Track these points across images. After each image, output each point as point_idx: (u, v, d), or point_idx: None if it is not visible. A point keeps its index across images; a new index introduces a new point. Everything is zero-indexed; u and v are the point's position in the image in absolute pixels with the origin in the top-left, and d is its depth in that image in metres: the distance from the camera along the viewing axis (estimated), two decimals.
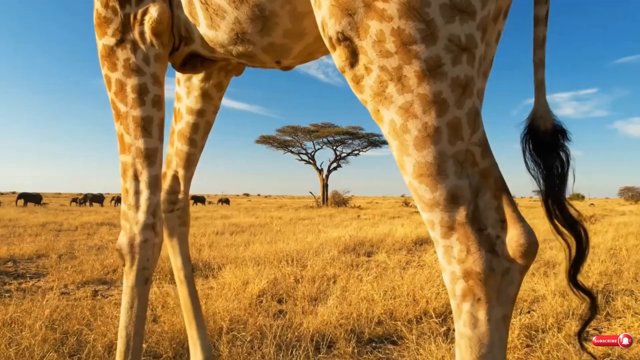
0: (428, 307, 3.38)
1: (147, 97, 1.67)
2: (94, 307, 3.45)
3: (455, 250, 1.01)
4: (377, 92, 1.04)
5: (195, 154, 2.20)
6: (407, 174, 1.05)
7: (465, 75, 1.01)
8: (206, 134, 2.21)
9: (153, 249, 1.69)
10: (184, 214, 2.25)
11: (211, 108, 2.13)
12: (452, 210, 1.01)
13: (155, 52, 1.66)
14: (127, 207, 1.69)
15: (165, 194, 2.19)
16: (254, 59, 1.59)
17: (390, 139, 1.07)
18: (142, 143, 1.67)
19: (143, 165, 1.68)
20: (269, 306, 3.51)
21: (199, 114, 2.12)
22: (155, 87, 1.68)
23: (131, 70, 1.65)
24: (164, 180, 2.21)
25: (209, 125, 2.19)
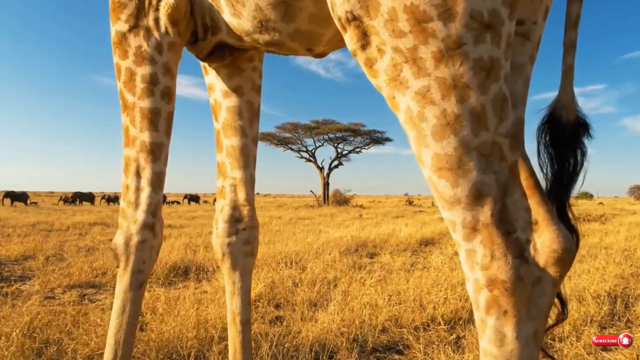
0: (436, 313, 3.25)
1: (157, 87, 1.60)
2: (79, 312, 3.32)
3: (479, 254, 0.90)
4: (391, 77, 0.96)
5: (249, 145, 1.92)
6: (426, 167, 0.94)
7: (489, 56, 0.91)
8: (254, 119, 1.94)
9: (151, 251, 1.63)
10: (251, 237, 1.93)
11: (248, 84, 1.90)
12: (476, 209, 0.89)
13: (169, 41, 1.60)
14: (126, 204, 1.63)
15: (224, 213, 1.91)
16: (283, 47, 1.51)
17: (407, 128, 0.97)
18: (147, 136, 1.60)
19: (147, 161, 1.61)
20: (266, 312, 3.39)
21: (236, 92, 1.89)
22: (166, 78, 1.61)
23: (142, 59, 1.58)
24: (221, 195, 1.94)
25: (253, 108, 1.93)
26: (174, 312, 3.15)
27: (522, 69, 1.13)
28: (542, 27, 1.17)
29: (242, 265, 1.90)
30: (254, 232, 1.96)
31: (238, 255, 1.90)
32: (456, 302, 3.45)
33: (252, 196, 1.96)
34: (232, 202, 1.92)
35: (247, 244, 1.92)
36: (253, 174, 1.98)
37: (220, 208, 1.94)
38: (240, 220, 1.92)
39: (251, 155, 1.96)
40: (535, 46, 1.15)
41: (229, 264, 1.90)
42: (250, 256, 1.94)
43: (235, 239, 1.90)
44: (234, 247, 1.89)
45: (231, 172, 1.93)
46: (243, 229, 1.92)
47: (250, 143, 1.94)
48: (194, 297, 3.60)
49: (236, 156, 1.91)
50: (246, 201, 1.93)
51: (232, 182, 1.92)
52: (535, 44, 1.15)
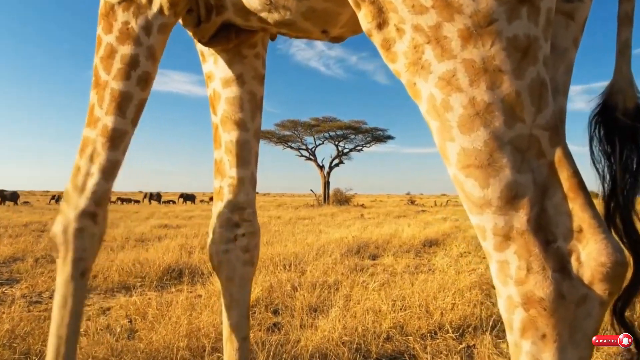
0: (443, 320, 3.12)
1: (135, 71, 1.47)
2: None
3: (513, 267, 0.77)
4: (412, 60, 0.85)
5: (250, 141, 1.77)
6: (451, 164, 0.82)
7: (525, 34, 0.79)
8: (256, 112, 1.78)
9: (92, 239, 1.54)
10: (251, 243, 1.77)
11: (250, 72, 1.75)
12: (509, 213, 0.76)
13: (161, 22, 1.47)
14: (72, 188, 1.54)
15: (222, 216, 1.75)
16: (295, 27, 1.39)
17: (430, 119, 0.85)
18: (111, 121, 1.48)
19: (104, 147, 1.50)
20: (263, 318, 3.26)
21: (237, 81, 1.73)
22: (147, 63, 1.49)
23: (127, 37, 1.45)
24: (218, 197, 1.79)
25: (256, 99, 1.77)
26: (165, 318, 3.02)
27: (564, 54, 0.99)
28: (588, 6, 1.03)
29: (241, 275, 1.74)
30: (255, 238, 1.80)
31: (236, 264, 1.73)
32: (465, 308, 3.32)
33: (253, 198, 1.80)
34: (230, 204, 1.76)
35: (246, 251, 1.76)
36: (254, 172, 1.82)
37: (217, 211, 1.78)
38: (240, 224, 1.76)
39: (253, 151, 1.80)
40: (580, 28, 1.02)
41: (226, 274, 1.73)
42: (249, 265, 1.77)
43: (234, 246, 1.73)
44: (232, 255, 1.73)
45: (230, 171, 1.77)
46: (242, 234, 1.75)
47: (252, 138, 1.79)
48: (187, 302, 3.47)
49: (236, 153, 1.75)
50: (246, 203, 1.77)
51: (231, 181, 1.76)
52: (580, 25, 1.02)
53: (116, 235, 8.96)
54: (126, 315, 3.36)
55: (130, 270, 4.91)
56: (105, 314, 3.50)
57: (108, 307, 3.66)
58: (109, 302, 3.85)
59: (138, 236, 8.96)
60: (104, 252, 6.29)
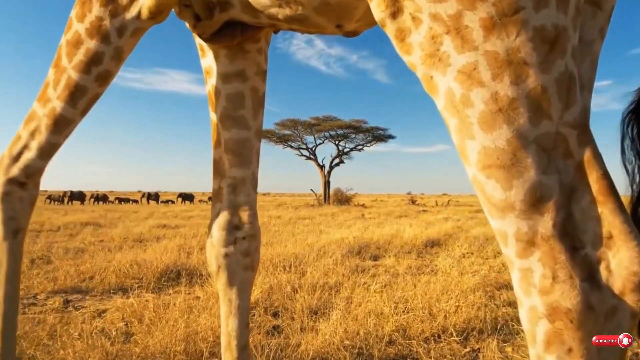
0: (447, 323, 3.06)
1: (96, 68, 1.43)
2: (60, 321, 3.14)
3: (537, 275, 0.71)
4: (429, 52, 0.80)
5: (251, 139, 1.69)
6: (471, 164, 0.76)
7: (553, 24, 0.74)
8: (258, 109, 1.71)
9: (21, 202, 1.58)
10: (252, 247, 1.70)
11: (252, 67, 1.67)
12: (534, 217, 0.70)
13: (136, 26, 1.41)
14: (7, 154, 1.58)
15: (221, 218, 1.67)
16: (307, 23, 1.32)
17: (448, 115, 0.80)
18: (61, 107, 1.48)
19: (48, 128, 1.51)
20: (262, 321, 3.20)
21: (239, 77, 1.66)
22: (111, 63, 1.45)
23: (97, 33, 1.39)
24: (217, 198, 1.72)
25: (258, 96, 1.69)
26: (162, 321, 2.96)
27: (590, 46, 0.93)
28: None
29: (241, 280, 1.66)
30: (255, 241, 1.72)
31: (236, 268, 1.66)
32: (468, 311, 3.26)
33: (254, 199, 1.73)
34: (230, 205, 1.68)
35: (246, 255, 1.68)
36: (255, 172, 1.75)
37: (217, 213, 1.70)
38: (240, 227, 1.68)
39: (254, 150, 1.72)
40: (607, 18, 0.96)
41: (225, 279, 1.66)
42: (250, 270, 1.70)
43: (234, 250, 1.66)
44: (232, 259, 1.65)
45: (230, 171, 1.69)
46: (243, 237, 1.67)
47: (253, 137, 1.71)
48: (184, 304, 3.41)
49: (236, 152, 1.68)
50: (247, 205, 1.70)
51: (231, 182, 1.69)
52: (607, 15, 0.96)
53: (114, 235, 8.90)
54: (122, 317, 3.30)
55: (128, 272, 4.85)
56: (101, 316, 3.44)
57: (104, 309, 3.60)
58: (106, 304, 3.79)
59: (136, 236, 8.90)
60: (101, 253, 6.24)
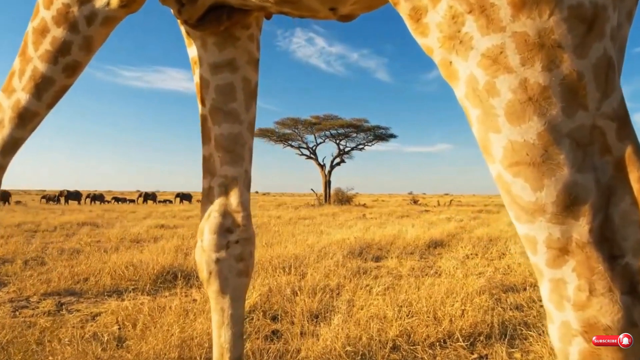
0: (453, 328, 2.97)
1: (64, 59, 1.34)
2: (52, 325, 3.06)
3: (571, 287, 0.63)
4: (448, 34, 0.73)
5: (243, 134, 1.59)
6: (495, 160, 0.69)
7: (591, 3, 0.66)
8: (251, 102, 1.61)
9: None
10: (245, 251, 1.60)
11: (243, 56, 1.57)
12: (567, 222, 0.62)
13: (106, 15, 1.32)
14: None
15: (212, 221, 1.58)
16: (299, 5, 1.25)
17: (469, 105, 0.72)
18: (25, 99, 1.39)
19: (11, 122, 1.42)
20: (261, 325, 3.12)
21: (229, 67, 1.56)
22: (80, 53, 1.35)
23: (64, 21, 1.30)
24: (208, 199, 1.62)
25: (250, 87, 1.59)
26: (156, 325, 2.89)
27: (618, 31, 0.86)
28: None
29: (234, 287, 1.56)
30: (250, 245, 1.62)
31: (229, 275, 1.56)
32: (475, 315, 3.18)
33: (247, 199, 1.63)
34: (222, 206, 1.59)
35: (240, 260, 1.58)
36: (249, 170, 1.64)
37: (207, 215, 1.60)
38: (233, 230, 1.58)
39: (247, 146, 1.62)
40: None
41: (217, 287, 1.56)
42: (244, 276, 1.60)
43: (226, 255, 1.56)
44: (224, 264, 1.56)
45: (221, 169, 1.59)
46: (236, 241, 1.58)
47: (246, 131, 1.61)
48: (180, 307, 3.33)
49: (228, 148, 1.58)
50: (240, 206, 1.60)
51: (223, 181, 1.59)
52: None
53: (111, 235, 8.83)
54: (116, 321, 3.23)
55: (123, 273, 4.78)
56: (94, 319, 3.36)
57: (98, 313, 3.53)
58: (99, 307, 3.71)
59: (133, 237, 8.83)
60: (96, 254, 6.16)
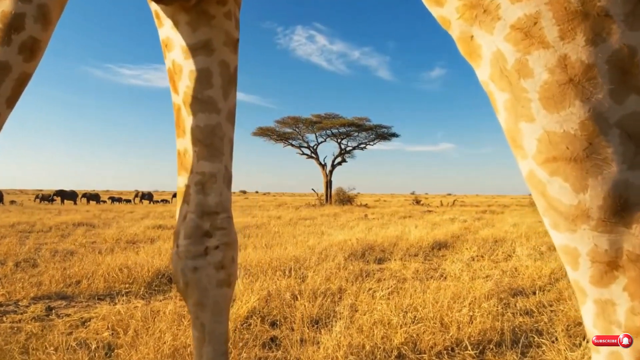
0: (461, 335, 2.86)
1: (18, 36, 1.14)
2: (41, 331, 2.96)
3: (622, 310, 0.53)
4: (469, 2, 0.62)
5: (222, 125, 1.44)
6: (527, 155, 0.59)
7: None
8: (230, 88, 1.46)
9: None
10: (227, 258, 1.44)
11: (220, 36, 1.41)
12: (617, 230, 0.52)
13: None
14: None
15: (188, 224, 1.42)
16: None
17: (494, 89, 0.61)
18: None
19: None
20: (259, 332, 3.01)
21: (204, 49, 1.39)
22: (36, 26, 1.16)
23: None
24: (183, 199, 1.46)
25: (228, 71, 1.44)
26: (148, 332, 2.78)
27: None
28: None
29: (215, 300, 1.41)
30: (231, 250, 1.47)
31: (208, 285, 1.40)
32: (484, 321, 3.07)
33: (227, 198, 1.48)
34: (199, 207, 1.43)
35: (220, 268, 1.43)
36: (229, 166, 1.49)
37: (183, 217, 1.45)
38: (212, 234, 1.43)
39: (226, 139, 1.46)
40: None
41: (196, 299, 1.41)
42: (225, 286, 1.44)
43: (204, 262, 1.41)
44: (203, 273, 1.40)
45: (198, 165, 1.44)
46: (215, 247, 1.43)
47: (225, 122, 1.45)
48: (175, 312, 3.22)
49: (204, 141, 1.42)
50: (219, 206, 1.44)
51: (200, 178, 1.44)
52: None
53: (107, 236, 8.74)
54: (108, 327, 3.12)
55: (117, 276, 4.68)
56: (84, 325, 3.26)
57: (89, 318, 3.42)
58: (91, 312, 3.60)
59: (130, 237, 8.74)
60: (90, 256, 6.06)
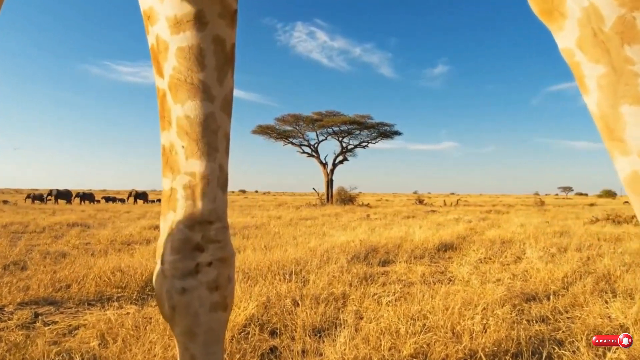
0: (475, 345, 2.70)
1: None
2: (24, 340, 2.80)
3: None
4: None
5: (216, 116, 1.21)
6: (629, 150, 0.45)
7: None
8: (226, 69, 1.23)
9: None
10: (222, 277, 1.23)
11: (214, 6, 1.17)
12: None
13: None
14: None
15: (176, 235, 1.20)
16: None
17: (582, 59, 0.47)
18: None
19: None
20: (258, 341, 2.85)
21: (195, 22, 1.16)
22: None
23: None
24: (169, 205, 1.25)
25: (224, 49, 1.22)
26: (139, 341, 2.63)
27: None
28: None
29: (208, 327, 1.19)
30: (227, 268, 1.24)
31: (200, 309, 1.18)
32: (498, 330, 2.91)
33: (223, 205, 1.25)
34: (188, 216, 1.20)
35: (214, 289, 1.20)
36: (225, 165, 1.26)
37: (168, 227, 1.23)
38: (204, 248, 1.20)
39: (221, 132, 1.23)
40: None
41: (185, 326, 1.18)
42: (220, 310, 1.21)
43: (195, 282, 1.18)
44: (193, 295, 1.18)
45: (187, 164, 1.20)
46: (208, 263, 1.20)
47: (219, 112, 1.22)
48: None
49: (195, 135, 1.19)
50: (213, 214, 1.21)
51: (189, 180, 1.20)
52: None
53: (101, 237, 8.59)
54: (96, 335, 2.97)
55: (109, 279, 4.52)
56: (72, 333, 3.10)
57: (77, 325, 3.27)
58: (80, 319, 3.45)
59: (125, 238, 8.59)
60: (82, 258, 5.91)
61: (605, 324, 3.17)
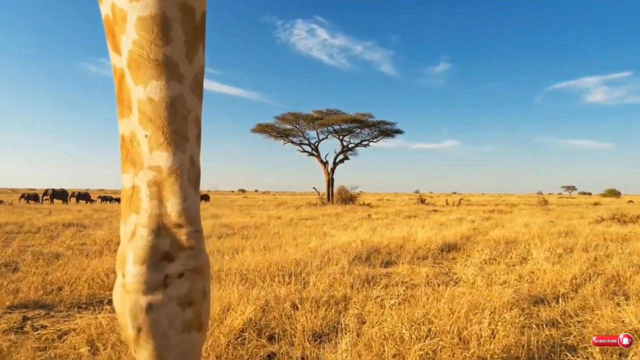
0: (483, 352, 2.59)
1: None
2: (12, 346, 2.70)
3: None
4: None
5: (184, 98, 1.04)
6: None
7: None
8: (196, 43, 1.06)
9: None
10: (195, 290, 1.07)
11: None
12: None
13: None
14: None
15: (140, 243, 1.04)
16: None
17: None
18: None
19: None
20: (255, 347, 2.75)
21: None
22: None
23: None
24: (131, 206, 1.08)
25: (193, 19, 1.05)
26: (128, 350, 2.52)
27: None
28: None
29: (180, 350, 1.04)
30: (201, 279, 1.08)
31: (169, 330, 1.02)
32: (507, 335, 2.80)
33: (195, 205, 1.08)
34: (154, 219, 1.04)
35: (187, 305, 1.05)
36: (196, 158, 1.10)
37: (130, 232, 1.06)
38: (173, 257, 1.04)
39: (191, 118, 1.06)
40: None
41: (152, 350, 1.02)
42: (194, 330, 1.06)
43: (164, 297, 1.02)
44: (161, 314, 1.02)
45: (151, 157, 1.04)
46: (179, 274, 1.04)
47: (189, 93, 1.05)
48: None
49: (161, 122, 1.02)
50: (184, 216, 1.05)
51: (154, 177, 1.04)
52: None
53: (97, 238, 8.49)
54: (87, 341, 2.86)
55: (103, 282, 4.43)
56: (61, 338, 3.00)
57: (67, 330, 3.16)
58: (70, 323, 3.35)
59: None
60: (76, 259, 5.80)
61: (619, 328, 3.06)
